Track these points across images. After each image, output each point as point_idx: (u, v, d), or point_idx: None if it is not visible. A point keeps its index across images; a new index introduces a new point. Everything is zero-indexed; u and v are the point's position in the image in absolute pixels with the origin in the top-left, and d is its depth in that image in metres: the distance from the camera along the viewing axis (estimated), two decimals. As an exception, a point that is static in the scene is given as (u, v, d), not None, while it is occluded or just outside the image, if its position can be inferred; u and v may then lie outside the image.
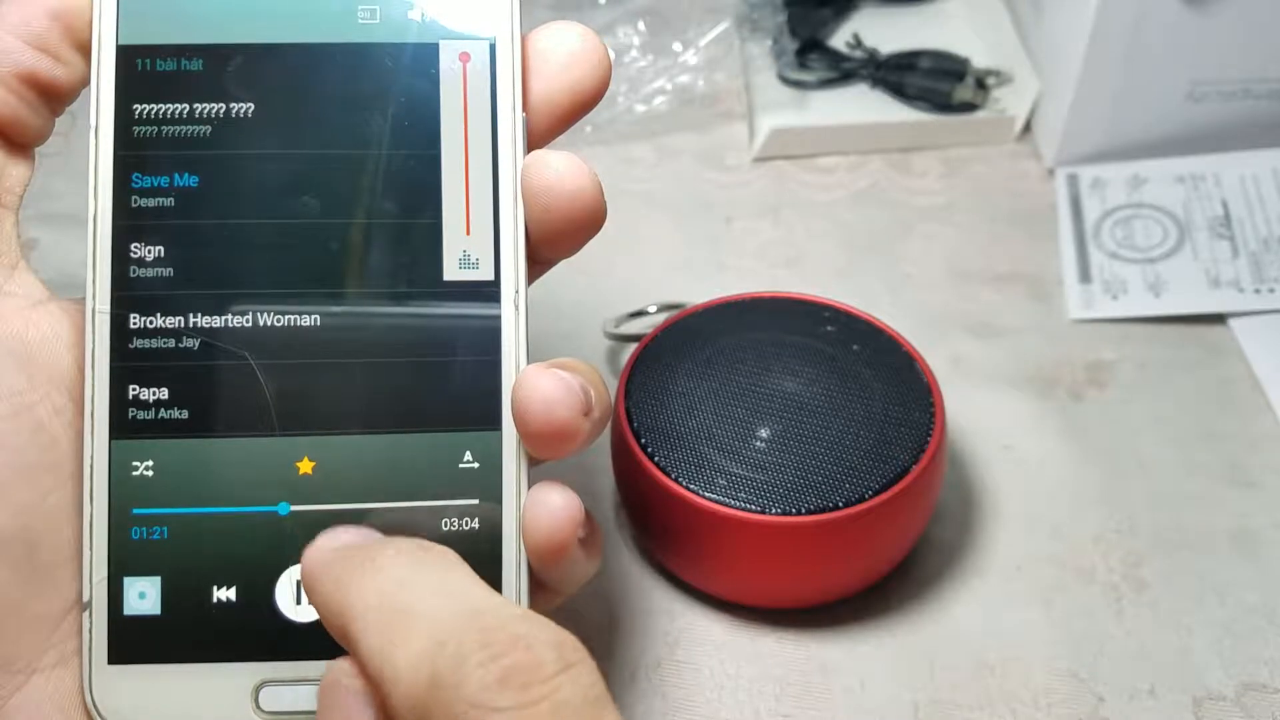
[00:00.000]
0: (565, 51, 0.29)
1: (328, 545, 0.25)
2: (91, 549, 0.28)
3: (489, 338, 0.28)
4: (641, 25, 0.55)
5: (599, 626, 0.38)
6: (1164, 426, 0.44)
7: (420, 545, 0.25)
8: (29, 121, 0.28)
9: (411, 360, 0.28)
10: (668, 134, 0.55)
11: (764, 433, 0.37)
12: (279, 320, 0.28)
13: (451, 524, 0.28)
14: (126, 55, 0.29)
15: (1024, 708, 0.36)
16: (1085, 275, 0.49)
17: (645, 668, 0.37)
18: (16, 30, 0.28)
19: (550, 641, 0.22)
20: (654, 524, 0.38)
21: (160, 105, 0.29)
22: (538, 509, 0.27)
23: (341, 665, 0.24)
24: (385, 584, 0.23)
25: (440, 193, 0.29)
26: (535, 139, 0.29)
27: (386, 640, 0.22)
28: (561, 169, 0.28)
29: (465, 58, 0.29)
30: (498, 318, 0.28)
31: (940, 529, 0.40)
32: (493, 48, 0.29)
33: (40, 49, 0.28)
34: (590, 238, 0.29)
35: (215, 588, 0.28)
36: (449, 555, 0.25)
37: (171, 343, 0.28)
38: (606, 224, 0.29)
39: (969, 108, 0.54)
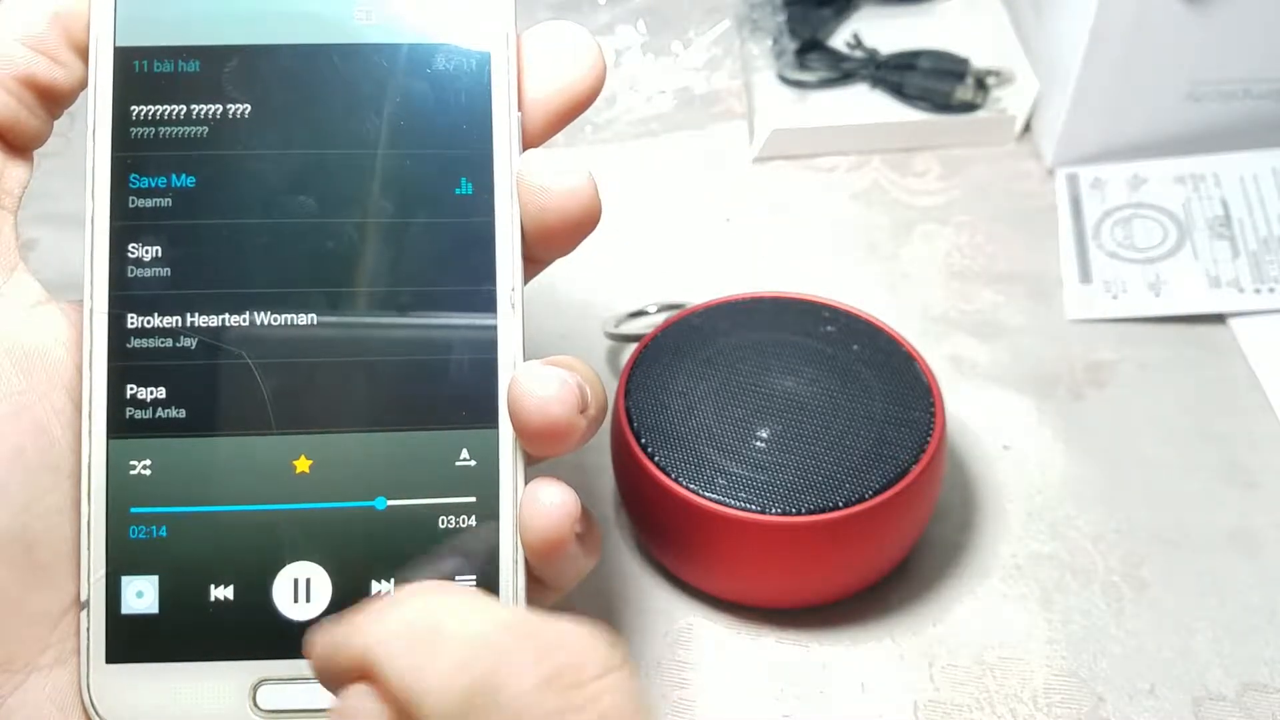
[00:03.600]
0: (560, 52, 0.29)
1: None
2: (89, 548, 0.28)
3: (485, 336, 0.28)
4: (641, 25, 0.55)
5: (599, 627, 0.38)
6: (1164, 426, 0.44)
7: (438, 584, 0.25)
8: (28, 123, 0.29)
9: (408, 359, 0.28)
10: (668, 134, 0.55)
11: (764, 433, 0.37)
12: (276, 319, 0.28)
13: (449, 521, 0.28)
14: (124, 57, 0.29)
15: (1024, 708, 0.36)
16: (1085, 275, 0.49)
17: (645, 668, 0.37)
18: (16, 33, 0.28)
19: (589, 645, 0.22)
20: (654, 524, 0.38)
21: (158, 106, 0.29)
22: (534, 505, 0.28)
23: (358, 688, 0.23)
24: (409, 613, 0.23)
25: (437, 192, 0.29)
26: (530, 138, 0.29)
27: (416, 659, 0.22)
28: (556, 168, 0.29)
29: (461, 57, 0.29)
30: (494, 316, 0.29)
31: (940, 529, 0.40)
32: (488, 48, 0.29)
33: (39, 51, 0.28)
34: (585, 237, 0.29)
35: (213, 586, 0.28)
36: (470, 589, 0.25)
37: (169, 342, 0.28)
38: (606, 224, 0.29)
39: (969, 108, 0.54)
